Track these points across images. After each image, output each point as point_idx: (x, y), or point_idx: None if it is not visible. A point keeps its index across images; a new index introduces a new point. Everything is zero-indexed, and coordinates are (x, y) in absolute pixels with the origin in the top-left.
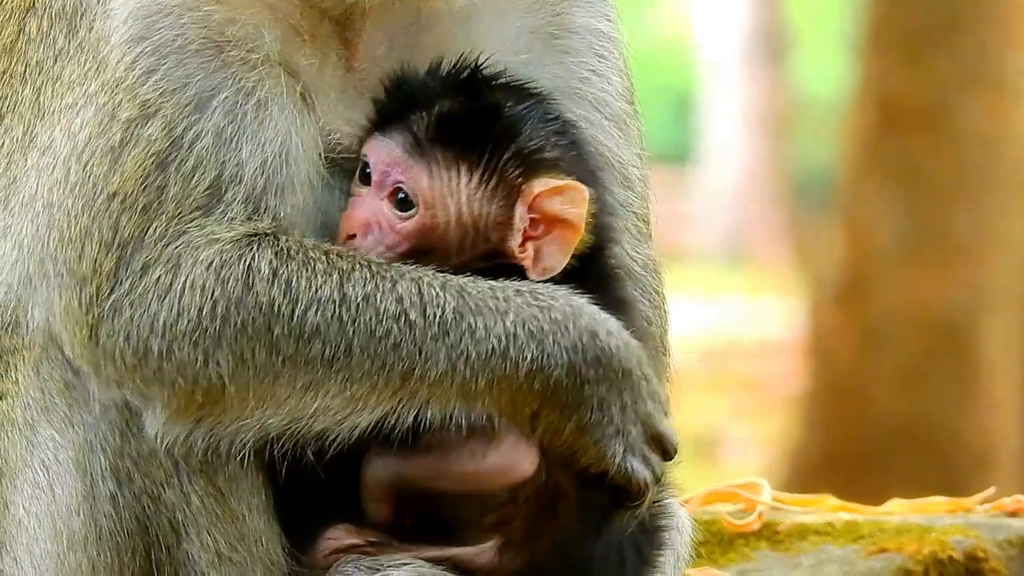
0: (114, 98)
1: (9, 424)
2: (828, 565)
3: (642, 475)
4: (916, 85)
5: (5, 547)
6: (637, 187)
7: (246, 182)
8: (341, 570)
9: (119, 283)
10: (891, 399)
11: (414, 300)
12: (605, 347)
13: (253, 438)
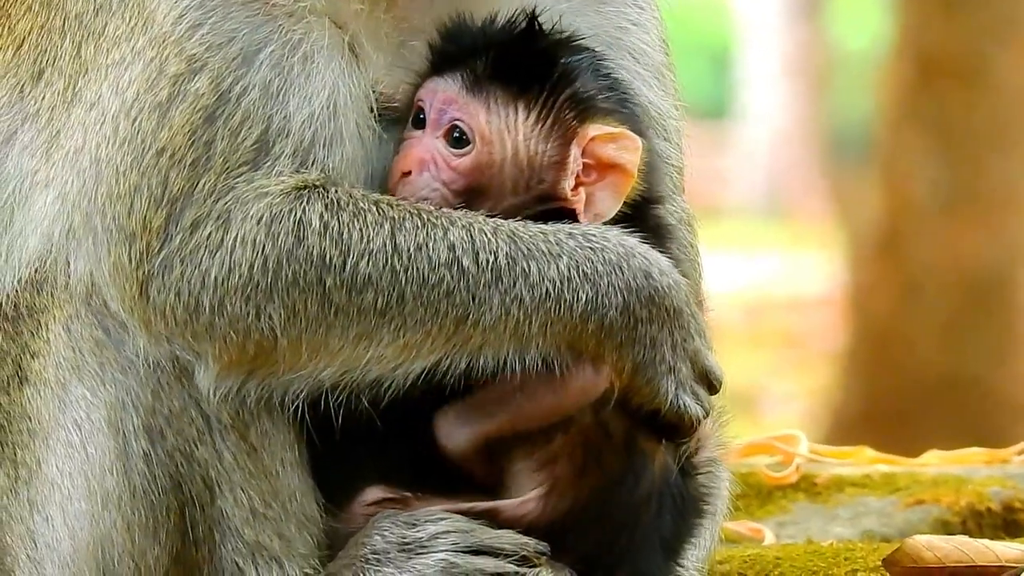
0: (161, 53)
1: (41, 383)
2: (866, 517)
3: (694, 410)
4: (953, 37)
5: (36, 506)
6: (674, 138)
7: (294, 135)
8: (378, 525)
9: (169, 239)
10: (929, 352)
11: (466, 247)
12: (658, 286)
13: (306, 389)
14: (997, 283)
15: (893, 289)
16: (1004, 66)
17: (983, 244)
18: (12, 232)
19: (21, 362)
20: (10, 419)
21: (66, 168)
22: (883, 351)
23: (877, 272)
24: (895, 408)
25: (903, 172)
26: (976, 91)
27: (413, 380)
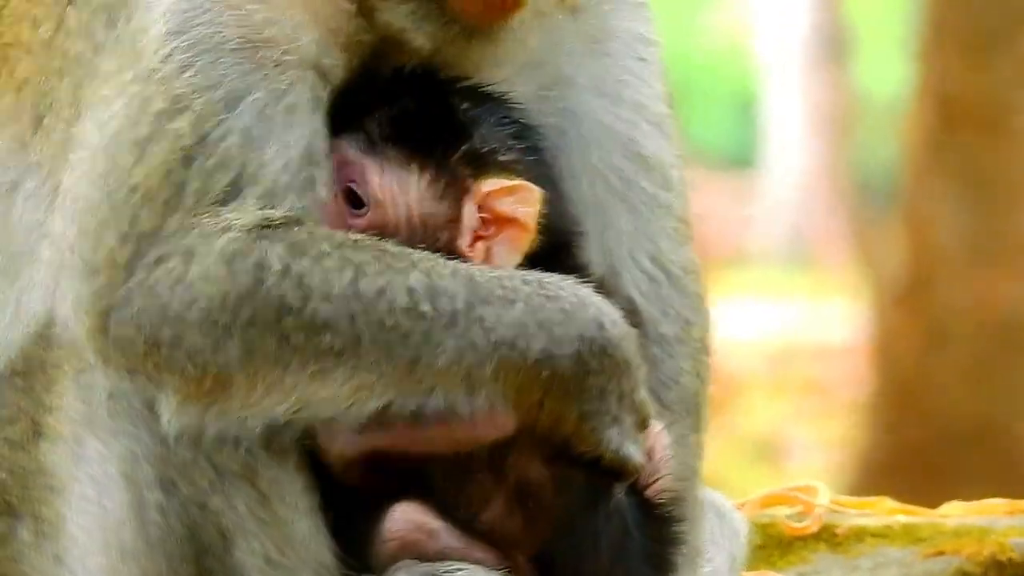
0: (146, 89)
1: (57, 438)
2: (886, 568)
3: (636, 458)
4: (977, 84)
5: (62, 561)
6: (676, 188)
7: (266, 180)
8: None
9: (132, 274)
10: (956, 401)
11: (425, 292)
12: (611, 337)
13: (261, 425)
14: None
15: (918, 336)
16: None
17: (1009, 290)
18: (19, 285)
19: (36, 417)
20: (29, 475)
21: (57, 213)
22: (908, 399)
23: (902, 319)
24: (921, 457)
25: (927, 219)
26: (1000, 137)
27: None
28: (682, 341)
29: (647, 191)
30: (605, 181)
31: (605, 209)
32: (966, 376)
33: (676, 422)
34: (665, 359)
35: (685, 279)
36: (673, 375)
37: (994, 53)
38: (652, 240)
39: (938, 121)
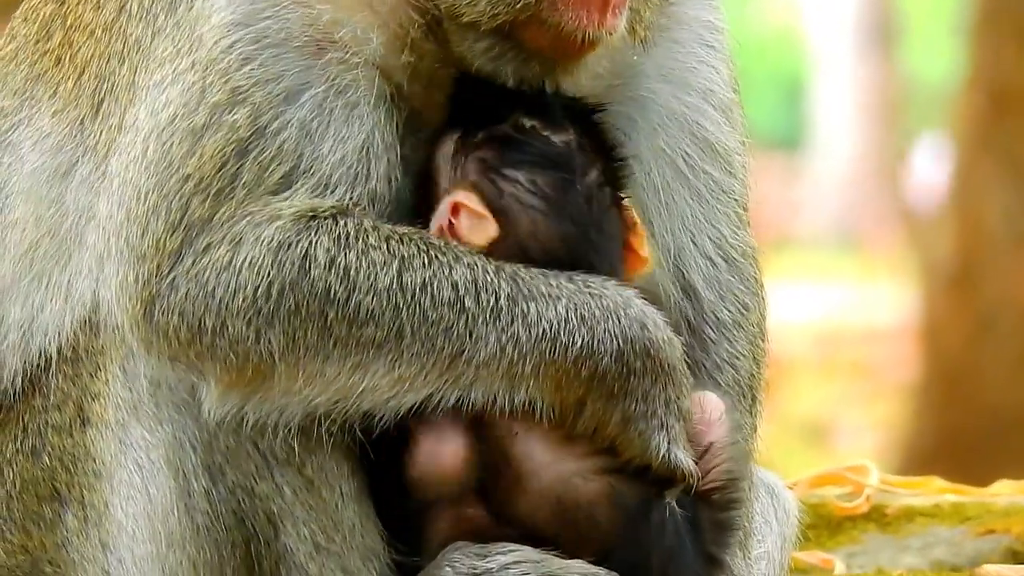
0: (205, 79)
1: (102, 425)
2: (936, 547)
3: (687, 464)
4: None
5: (109, 548)
6: (739, 174)
7: (320, 174)
8: (448, 557)
9: (180, 261)
10: (1002, 386)
11: (469, 286)
12: (653, 339)
13: (300, 414)
14: None
15: (966, 323)
16: None
17: None
18: (70, 270)
19: (83, 404)
20: (75, 461)
21: (104, 197)
22: (956, 384)
23: (950, 305)
24: (967, 441)
25: (976, 204)
26: None
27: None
28: (740, 326)
29: (712, 176)
30: (672, 165)
31: (671, 192)
32: (1013, 362)
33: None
34: (722, 342)
35: (744, 264)
36: (729, 358)
37: None
38: (714, 225)
39: (988, 106)
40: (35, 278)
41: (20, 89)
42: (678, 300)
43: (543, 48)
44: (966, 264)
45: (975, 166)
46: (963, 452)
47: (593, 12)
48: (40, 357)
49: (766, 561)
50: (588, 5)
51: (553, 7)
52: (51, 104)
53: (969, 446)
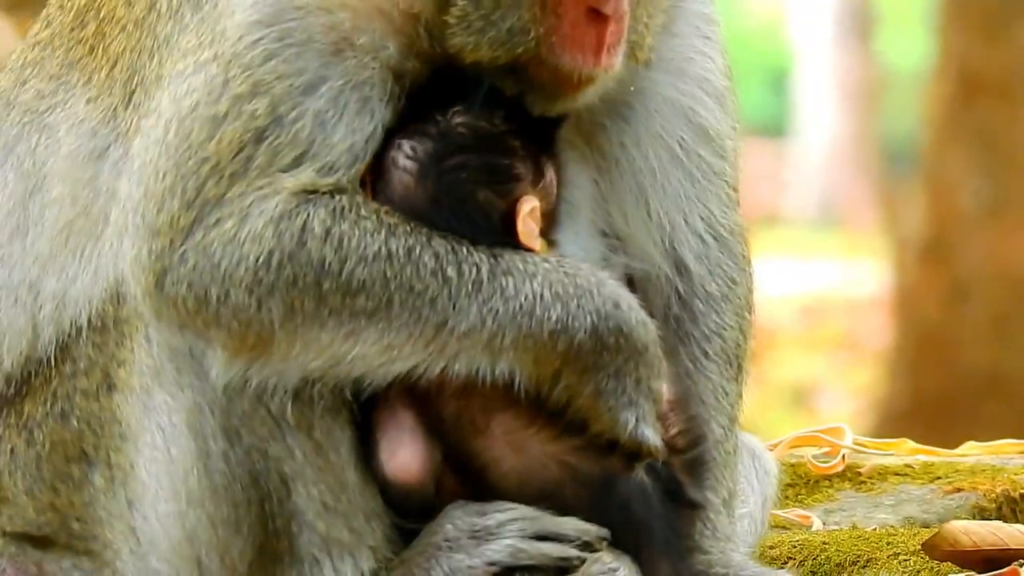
0: (227, 71)
1: (128, 390)
2: (907, 504)
3: (653, 440)
4: (994, 56)
5: (135, 506)
6: (730, 157)
7: (328, 158)
8: (449, 514)
9: (191, 236)
10: (974, 351)
11: (450, 257)
12: (627, 318)
13: (297, 379)
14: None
15: (939, 291)
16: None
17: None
18: (100, 246)
19: (109, 370)
20: (102, 424)
21: (126, 177)
22: (929, 350)
23: (924, 275)
24: (940, 404)
25: (948, 182)
26: (1015, 106)
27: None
28: (727, 299)
29: (705, 159)
30: (668, 149)
31: (666, 174)
32: (983, 328)
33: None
34: (710, 314)
35: (732, 241)
36: (717, 329)
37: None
38: (705, 204)
39: (957, 91)
40: (70, 253)
41: (56, 74)
42: (670, 275)
43: (543, 82)
44: (939, 237)
45: (946, 146)
46: (935, 414)
47: (589, 54)
48: (71, 327)
49: (748, 520)
50: (584, 47)
51: (551, 49)
52: (85, 91)
53: (941, 409)
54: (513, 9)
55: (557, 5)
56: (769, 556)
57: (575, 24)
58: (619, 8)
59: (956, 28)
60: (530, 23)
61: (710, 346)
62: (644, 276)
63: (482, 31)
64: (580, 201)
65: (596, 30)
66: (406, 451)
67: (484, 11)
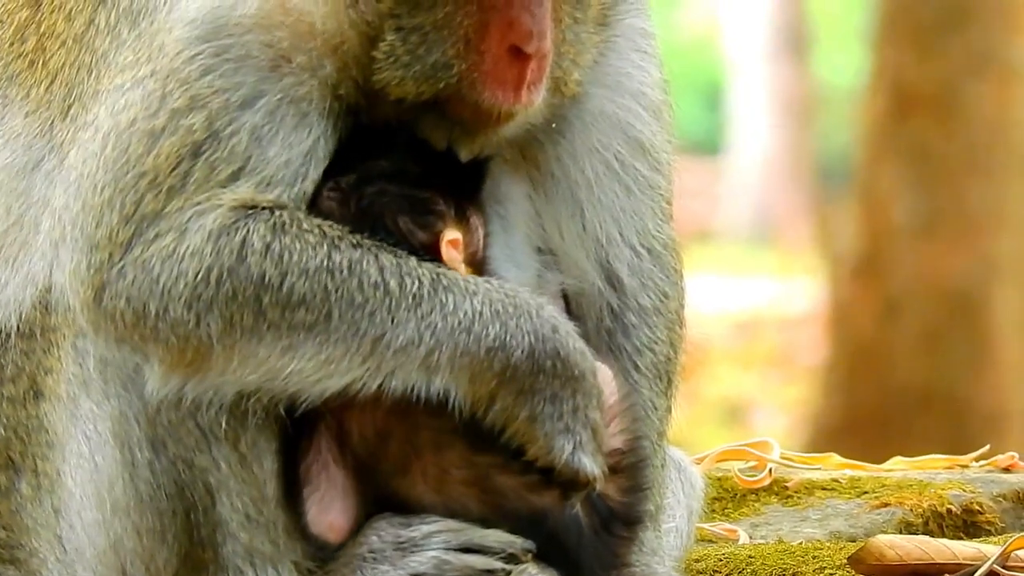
0: (165, 86)
1: (55, 398)
2: (834, 519)
3: (590, 469)
4: (927, 72)
5: (61, 514)
6: (665, 170)
7: (265, 173)
8: (374, 525)
9: (130, 250)
10: (908, 366)
11: (394, 270)
12: (565, 343)
13: (233, 393)
14: (971, 300)
15: (873, 307)
16: (975, 98)
17: (957, 264)
18: (29, 254)
19: (36, 378)
20: (29, 432)
21: (60, 189)
22: (862, 365)
23: (858, 291)
24: (872, 419)
25: (881, 198)
26: (949, 122)
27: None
28: (659, 312)
29: (640, 172)
30: (604, 162)
31: (602, 187)
32: (916, 344)
33: (647, 387)
34: (642, 327)
35: (665, 255)
36: (648, 343)
37: (943, 43)
38: (640, 218)
39: (891, 107)
40: (3, 262)
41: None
42: (603, 288)
43: (464, 118)
44: (873, 253)
45: (880, 161)
46: (867, 428)
47: (509, 92)
48: (1, 333)
49: (675, 533)
50: (505, 85)
51: (472, 86)
52: (23, 105)
53: (873, 422)
54: (438, 45)
55: (480, 42)
56: (695, 570)
57: (497, 61)
58: (541, 47)
59: (890, 43)
60: (454, 59)
61: (641, 360)
62: (578, 291)
63: (408, 66)
64: (515, 217)
65: (518, 68)
66: (337, 512)
67: (410, 46)
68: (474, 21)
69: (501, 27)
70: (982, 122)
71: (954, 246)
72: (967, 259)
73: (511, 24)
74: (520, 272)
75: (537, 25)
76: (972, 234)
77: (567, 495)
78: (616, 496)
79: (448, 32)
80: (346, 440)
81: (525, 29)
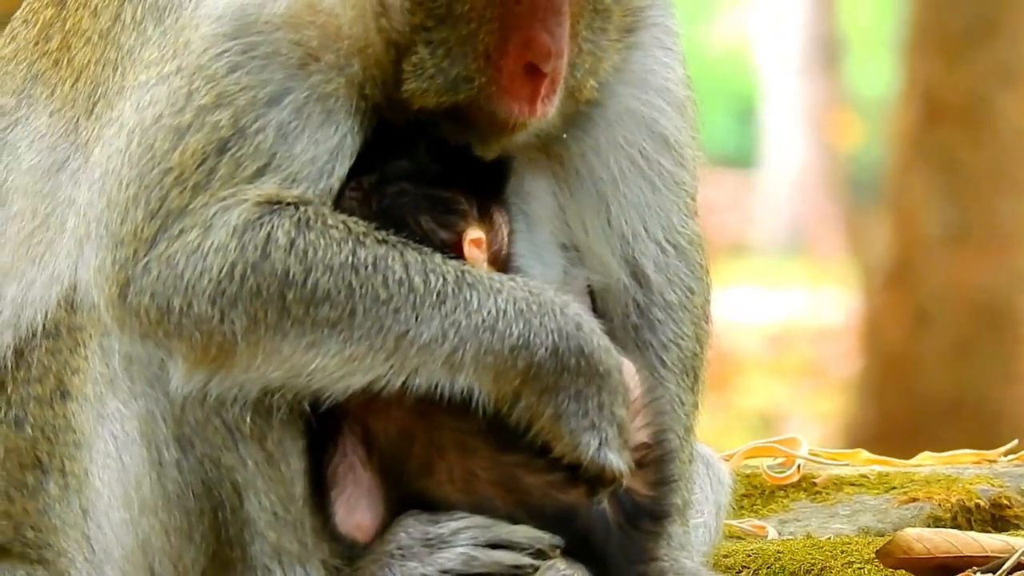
0: (192, 83)
1: (82, 397)
2: (862, 514)
3: (616, 465)
4: (957, 83)
5: (89, 514)
6: (690, 166)
7: (290, 169)
8: (402, 523)
9: (154, 246)
10: (938, 375)
11: (419, 267)
12: (589, 340)
13: (257, 390)
14: (1001, 310)
15: (904, 317)
16: (1004, 108)
17: (987, 274)
18: (56, 252)
19: (63, 377)
20: (56, 432)
21: (85, 185)
22: (893, 374)
23: (889, 301)
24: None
25: (912, 208)
26: (980, 132)
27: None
28: (685, 308)
29: (665, 168)
30: (629, 158)
31: (627, 183)
32: (947, 353)
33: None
34: (668, 323)
35: (691, 251)
36: (674, 338)
37: (972, 53)
38: (666, 213)
39: (921, 118)
40: (30, 261)
41: (19, 88)
42: (629, 284)
43: (480, 125)
44: (904, 263)
45: (910, 172)
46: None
47: (524, 104)
48: (27, 330)
49: (703, 528)
50: (520, 97)
51: (489, 98)
52: (48, 104)
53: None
54: (461, 60)
55: (499, 59)
56: (724, 565)
57: (513, 77)
58: (557, 67)
59: (920, 54)
60: (475, 73)
61: (667, 355)
62: (603, 287)
63: (432, 77)
64: (540, 214)
65: (532, 83)
66: (363, 513)
67: (437, 59)
68: (495, 38)
69: (520, 45)
70: (1010, 132)
71: (984, 256)
72: (997, 268)
73: (529, 43)
74: (546, 269)
75: (556, 44)
76: (1002, 244)
77: (594, 492)
78: (643, 491)
79: (471, 47)
80: (372, 441)
81: (543, 49)
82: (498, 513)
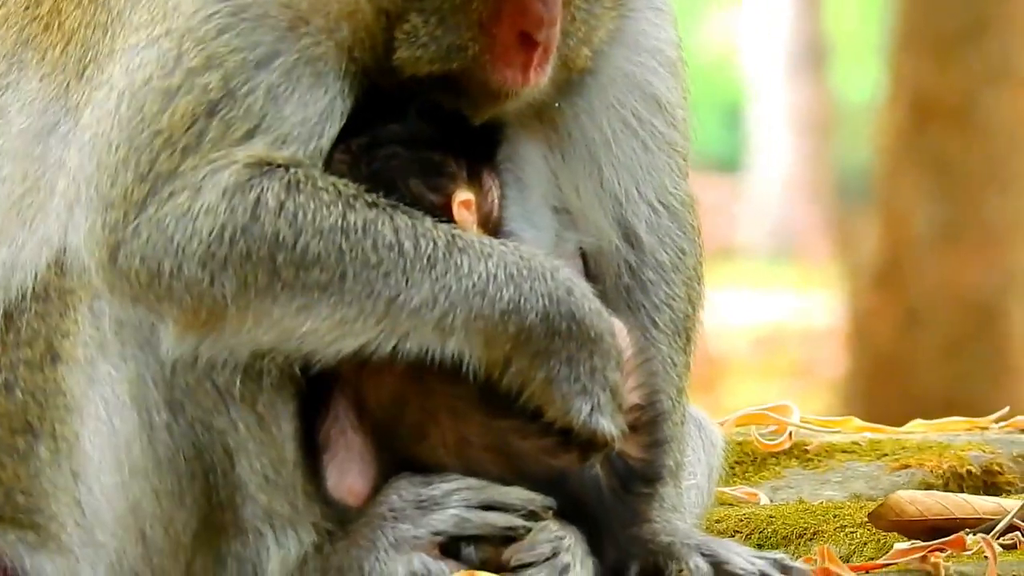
0: (181, 45)
1: (72, 361)
2: (854, 481)
3: (608, 429)
4: (945, 83)
5: (80, 477)
6: (681, 127)
7: (280, 131)
8: (394, 485)
9: (144, 209)
10: (929, 376)
11: (409, 231)
12: (580, 305)
13: (247, 354)
14: (991, 310)
15: (893, 317)
16: (992, 108)
17: (978, 274)
18: (45, 216)
19: (53, 341)
20: (46, 396)
21: (75, 148)
22: (883, 376)
23: (878, 302)
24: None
25: (901, 209)
26: (968, 132)
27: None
28: (677, 268)
29: (657, 128)
30: (621, 119)
31: (620, 144)
32: (937, 354)
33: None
34: (660, 284)
35: (683, 212)
36: (667, 299)
37: (960, 53)
38: (657, 174)
39: (909, 118)
40: (20, 224)
41: (9, 53)
42: (621, 245)
43: (471, 93)
44: (892, 264)
45: (899, 172)
46: None
47: (516, 72)
48: (17, 295)
49: (695, 491)
50: (512, 65)
51: (482, 66)
52: (38, 68)
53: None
54: (454, 28)
55: (492, 27)
56: (716, 529)
57: (507, 46)
58: (550, 35)
59: (909, 54)
60: (468, 41)
61: (660, 316)
62: (595, 249)
63: (425, 46)
64: (532, 178)
65: (526, 52)
66: (355, 477)
67: (430, 28)
68: (489, 6)
69: (513, 14)
70: (1001, 132)
71: (974, 256)
72: (987, 269)
73: (523, 11)
74: (538, 233)
75: (549, 13)
76: (992, 244)
77: (586, 456)
78: (635, 453)
79: (464, 16)
80: (364, 405)
81: (536, 17)
82: (491, 477)
